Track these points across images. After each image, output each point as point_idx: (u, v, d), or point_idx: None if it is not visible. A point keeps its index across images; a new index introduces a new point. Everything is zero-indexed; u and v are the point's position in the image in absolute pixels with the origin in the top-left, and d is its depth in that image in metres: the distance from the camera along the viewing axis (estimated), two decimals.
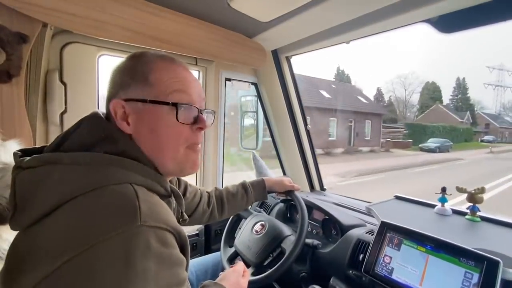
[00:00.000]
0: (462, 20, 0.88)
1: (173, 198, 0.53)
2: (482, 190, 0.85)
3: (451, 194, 0.92)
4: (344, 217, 1.00)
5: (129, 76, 0.49)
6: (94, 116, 0.48)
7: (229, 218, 1.12)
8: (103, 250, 0.34)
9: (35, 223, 0.38)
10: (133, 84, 0.48)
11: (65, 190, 0.38)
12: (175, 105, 0.48)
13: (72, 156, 0.41)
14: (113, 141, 0.45)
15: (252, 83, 1.48)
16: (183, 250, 0.44)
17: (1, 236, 0.58)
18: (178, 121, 0.48)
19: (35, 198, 0.39)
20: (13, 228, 0.42)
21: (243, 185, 0.96)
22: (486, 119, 34.54)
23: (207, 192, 0.92)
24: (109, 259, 0.33)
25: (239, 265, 0.75)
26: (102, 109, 0.53)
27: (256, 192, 0.96)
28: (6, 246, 0.58)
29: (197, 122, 0.52)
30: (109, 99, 0.50)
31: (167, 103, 0.48)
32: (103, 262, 0.33)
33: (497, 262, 0.56)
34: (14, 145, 0.63)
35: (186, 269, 0.44)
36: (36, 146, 0.48)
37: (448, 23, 0.90)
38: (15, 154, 0.45)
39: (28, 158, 0.42)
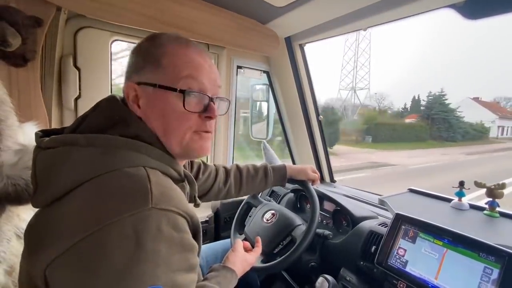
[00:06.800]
0: (490, 5, 0.83)
1: (187, 183, 0.52)
2: (502, 186, 0.82)
3: (469, 189, 0.89)
4: (355, 208, 0.98)
5: (142, 58, 0.49)
6: (110, 99, 0.49)
7: (239, 206, 1.13)
8: (114, 231, 0.34)
9: (52, 202, 0.39)
10: (146, 67, 0.48)
11: (81, 171, 0.39)
12: (182, 92, 0.46)
13: (87, 138, 0.41)
14: (126, 124, 0.45)
15: (264, 71, 1.45)
16: (195, 234, 0.44)
17: (19, 216, 0.60)
18: (185, 108, 0.47)
19: (54, 178, 0.40)
20: (34, 206, 0.43)
21: (265, 170, 0.96)
22: None
23: (224, 168, 0.92)
24: (120, 240, 0.34)
25: (237, 244, 0.75)
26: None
27: (275, 178, 0.97)
28: (25, 226, 0.60)
29: (207, 111, 0.50)
30: (125, 81, 0.51)
31: (175, 90, 0.46)
32: (114, 242, 0.34)
33: None
34: (32, 127, 0.64)
35: (198, 255, 0.44)
36: (57, 128, 0.49)
37: (475, 8, 0.84)
38: (36, 134, 0.45)
39: (47, 138, 0.43)
